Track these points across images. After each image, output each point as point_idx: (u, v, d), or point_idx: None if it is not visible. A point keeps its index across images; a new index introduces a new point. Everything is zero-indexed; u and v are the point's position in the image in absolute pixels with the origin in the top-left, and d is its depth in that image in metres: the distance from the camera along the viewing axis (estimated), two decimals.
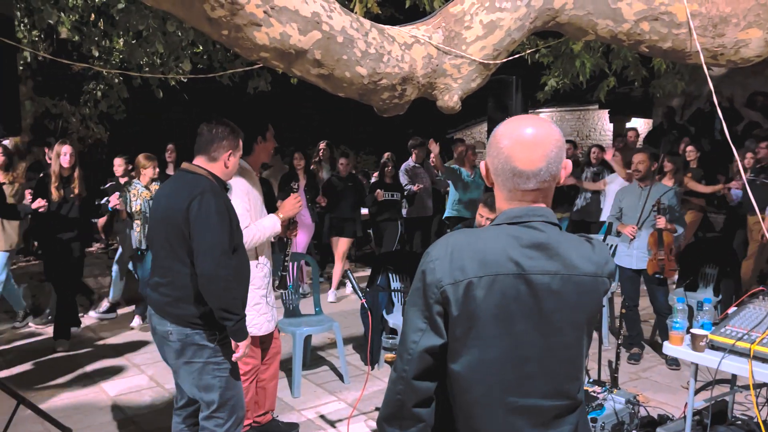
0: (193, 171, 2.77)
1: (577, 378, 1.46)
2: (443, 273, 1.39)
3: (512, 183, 1.44)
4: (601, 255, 1.47)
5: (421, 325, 1.41)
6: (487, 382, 1.40)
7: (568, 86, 7.05)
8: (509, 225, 1.44)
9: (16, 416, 3.45)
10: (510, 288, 1.37)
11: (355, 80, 2.77)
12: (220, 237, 2.61)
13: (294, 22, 2.51)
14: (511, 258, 1.38)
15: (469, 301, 1.37)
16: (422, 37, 2.94)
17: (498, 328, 1.38)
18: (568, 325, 1.41)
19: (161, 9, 2.51)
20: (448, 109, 3.10)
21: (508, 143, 1.43)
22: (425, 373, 1.42)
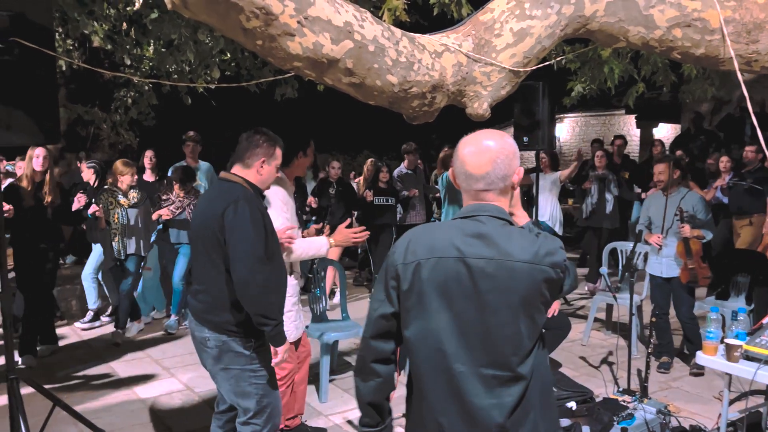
0: (229, 179, 2.82)
1: (516, 354, 1.64)
2: (399, 256, 1.73)
3: (466, 184, 1.75)
4: (544, 246, 1.67)
5: (381, 297, 1.75)
6: (431, 347, 1.67)
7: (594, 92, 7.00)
8: (461, 219, 1.74)
9: (51, 417, 3.53)
10: (451, 269, 1.65)
11: (386, 88, 2.79)
12: (254, 244, 2.64)
13: (327, 31, 2.55)
14: (454, 244, 1.67)
15: (416, 279, 1.68)
16: (452, 45, 2.95)
17: (440, 303, 1.66)
18: (503, 305, 1.63)
19: (197, 20, 2.56)
20: (478, 116, 3.10)
21: (464, 151, 1.76)
22: (380, 336, 1.75)
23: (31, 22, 2.89)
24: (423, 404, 1.70)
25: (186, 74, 7.39)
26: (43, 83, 2.99)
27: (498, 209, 1.72)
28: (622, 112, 15.06)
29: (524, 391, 1.64)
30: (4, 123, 2.84)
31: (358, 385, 1.80)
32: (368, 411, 1.81)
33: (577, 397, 3.82)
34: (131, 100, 8.38)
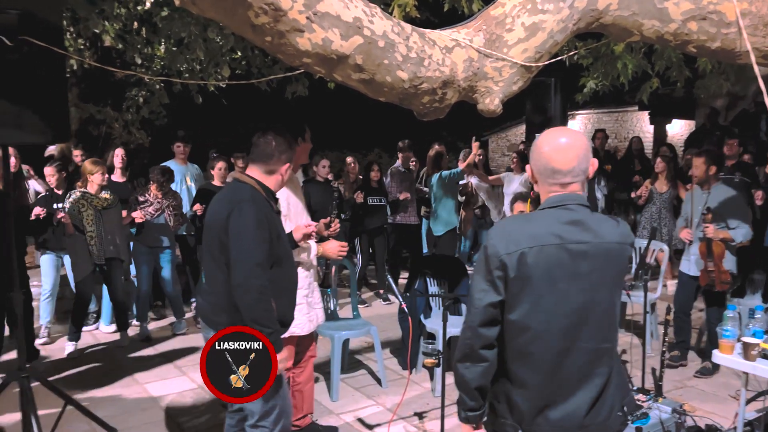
0: (241, 180, 2.78)
1: (612, 325, 1.89)
2: (501, 247, 1.85)
3: (553, 179, 1.90)
4: (625, 228, 1.92)
5: (485, 287, 1.87)
6: (538, 328, 1.83)
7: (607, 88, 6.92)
8: (551, 209, 1.88)
9: (63, 416, 3.54)
10: (553, 255, 1.81)
11: (396, 84, 2.76)
12: (255, 248, 2.60)
13: (336, 27, 2.52)
14: (554, 232, 1.82)
15: (522, 266, 1.81)
16: (463, 40, 2.92)
17: (545, 286, 1.81)
18: (602, 284, 1.84)
19: (205, 17, 2.54)
20: (489, 112, 3.07)
21: (548, 149, 1.90)
22: (487, 323, 1.87)
23: (41, 21, 2.88)
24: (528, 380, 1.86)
25: (197, 73, 7.39)
26: (53, 82, 2.99)
27: (583, 198, 1.91)
28: (635, 109, 14.91)
29: (614, 359, 1.90)
30: (14, 121, 2.84)
31: (464, 372, 1.89)
32: (475, 395, 1.91)
33: None
34: (143, 99, 8.40)
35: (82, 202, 5.19)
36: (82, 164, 5.59)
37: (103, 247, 5.26)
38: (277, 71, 6.88)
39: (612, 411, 1.86)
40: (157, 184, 5.80)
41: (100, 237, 5.25)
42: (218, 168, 6.18)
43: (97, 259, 5.24)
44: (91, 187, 5.27)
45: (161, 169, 5.90)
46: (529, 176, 1.99)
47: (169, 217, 5.84)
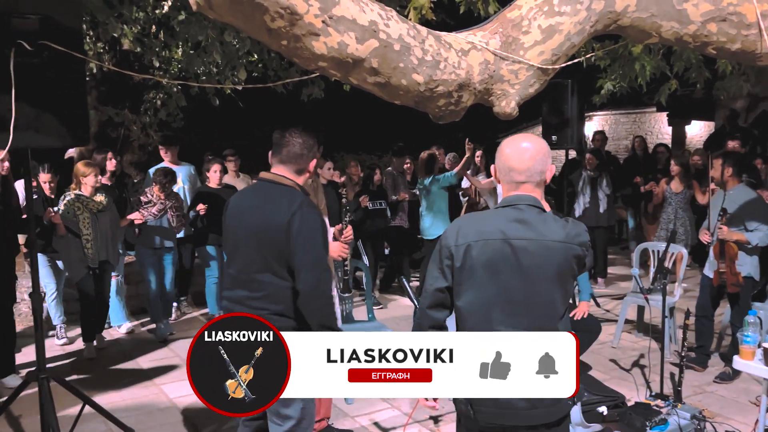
0: (281, 182, 2.68)
1: (551, 318, 2.00)
2: (451, 239, 2.08)
3: (509, 177, 2.09)
4: (573, 229, 2.03)
5: (436, 274, 2.11)
6: (480, 314, 2.01)
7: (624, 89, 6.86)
8: (502, 208, 2.08)
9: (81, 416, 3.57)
10: (497, 249, 2.00)
11: (412, 88, 2.76)
12: (321, 253, 2.57)
13: (352, 31, 2.52)
14: (500, 228, 2.01)
15: (467, 257, 2.03)
16: (479, 43, 2.91)
17: (488, 277, 2.00)
18: (542, 278, 1.98)
19: (222, 21, 2.56)
20: (505, 115, 3.05)
21: (508, 151, 2.10)
22: (435, 305, 2.12)
23: (60, 25, 2.92)
24: None
25: (213, 76, 7.44)
26: (73, 85, 3.02)
27: (534, 199, 2.06)
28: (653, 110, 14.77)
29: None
30: (33, 125, 2.88)
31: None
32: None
33: (608, 402, 3.74)
34: (160, 102, 8.46)
35: (77, 205, 5.11)
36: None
37: (98, 251, 5.20)
38: (294, 74, 6.91)
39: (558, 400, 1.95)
40: (159, 186, 5.73)
41: (96, 240, 5.18)
42: (214, 171, 6.14)
43: (91, 263, 5.18)
44: (85, 189, 5.20)
45: (163, 171, 5.87)
46: (492, 174, 2.21)
47: (171, 218, 5.80)
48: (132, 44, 6.81)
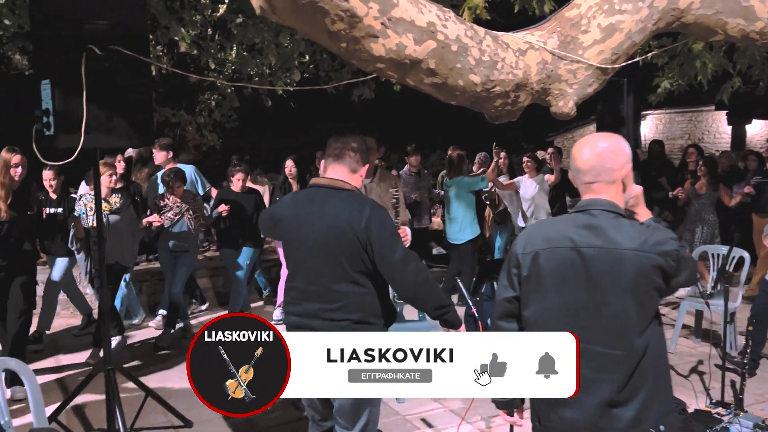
0: (340, 188, 2.66)
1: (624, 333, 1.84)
2: (519, 247, 2.02)
3: (578, 179, 2.00)
4: (653, 237, 1.84)
5: (504, 282, 2.05)
6: (548, 325, 1.91)
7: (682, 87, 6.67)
8: (574, 213, 1.99)
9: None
10: (565, 257, 1.90)
11: (469, 88, 2.76)
12: (405, 247, 2.60)
13: (410, 32, 2.54)
14: (567, 236, 1.91)
15: (534, 266, 1.95)
16: (537, 42, 2.89)
17: (554, 287, 1.91)
18: (612, 289, 1.84)
19: (284, 24, 2.62)
20: (563, 115, 3.02)
21: (574, 150, 2.01)
22: (504, 316, 2.06)
23: (128, 30, 3.04)
24: None
25: (266, 77, 7.58)
26: (139, 88, 3.14)
27: (609, 203, 1.93)
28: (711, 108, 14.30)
29: (634, 368, 1.82)
30: (103, 127, 3.00)
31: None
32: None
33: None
34: (215, 103, 8.68)
35: (90, 205, 5.01)
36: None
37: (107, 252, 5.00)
38: (345, 75, 6.99)
39: (639, 424, 1.83)
40: (166, 187, 5.63)
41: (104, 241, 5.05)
42: (237, 179, 6.04)
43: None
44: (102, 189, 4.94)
45: (170, 170, 5.70)
46: (570, 178, 2.09)
47: (189, 221, 5.67)
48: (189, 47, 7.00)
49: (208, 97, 8.75)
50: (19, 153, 4.36)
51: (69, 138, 2.94)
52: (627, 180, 1.96)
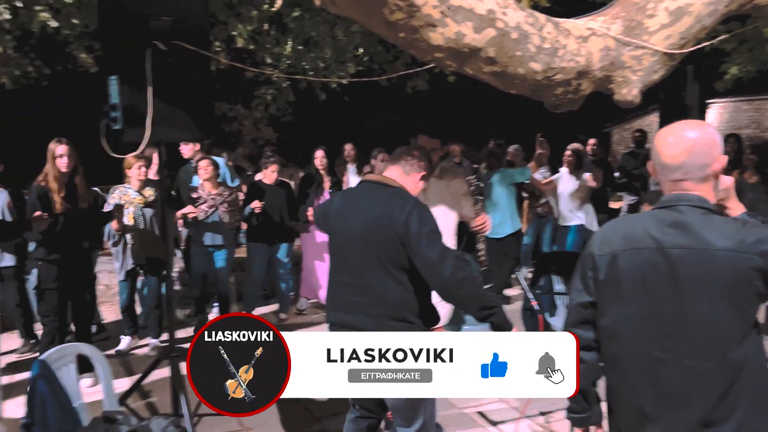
0: (388, 184, 2.65)
1: (719, 344, 1.62)
2: (595, 247, 1.81)
3: (663, 175, 1.77)
4: (752, 234, 1.61)
5: (579, 287, 1.84)
6: (629, 334, 1.73)
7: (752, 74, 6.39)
8: (658, 209, 1.75)
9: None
10: (648, 259, 1.69)
11: (529, 76, 2.71)
12: (446, 245, 2.54)
13: (469, 20, 2.52)
14: (651, 234, 1.70)
15: (612, 269, 1.75)
16: (600, 28, 2.82)
17: (637, 291, 1.71)
18: (704, 295, 1.63)
19: (342, 15, 2.63)
20: (626, 103, 2.94)
21: (658, 143, 1.77)
22: (579, 323, 1.84)
23: (191, 26, 3.10)
24: (622, 389, 1.77)
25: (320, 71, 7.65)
26: (201, 83, 3.21)
27: (699, 198, 1.71)
28: None
29: (729, 383, 1.63)
30: (167, 120, 3.08)
31: None
32: (575, 398, 1.86)
33: None
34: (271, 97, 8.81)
35: (124, 199, 4.89)
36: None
37: (142, 247, 4.95)
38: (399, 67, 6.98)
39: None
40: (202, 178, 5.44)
41: (140, 236, 4.93)
42: (271, 171, 5.85)
43: (137, 259, 4.97)
44: (132, 182, 4.97)
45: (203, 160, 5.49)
46: (651, 172, 1.85)
47: (223, 214, 5.43)
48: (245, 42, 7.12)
49: (264, 91, 8.88)
50: (65, 143, 4.21)
51: (134, 132, 3.03)
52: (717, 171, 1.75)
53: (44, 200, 4.13)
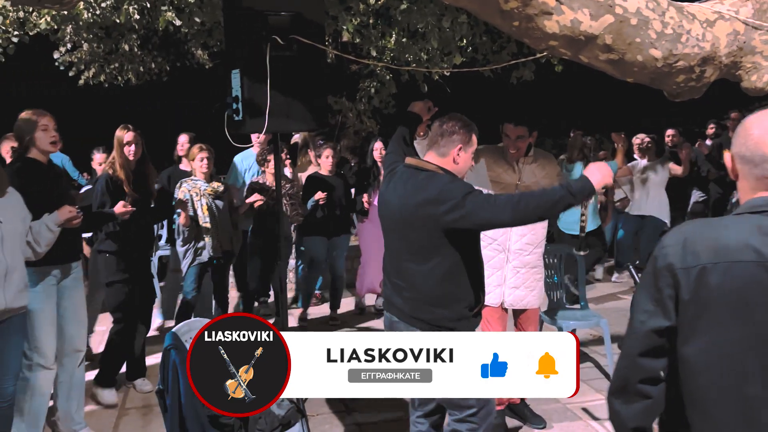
0: (423, 168, 2.66)
1: None
2: (675, 258, 1.45)
3: (761, 170, 1.45)
4: None
5: (649, 307, 1.49)
6: (722, 368, 1.42)
7: None
8: (752, 214, 1.44)
9: None
10: (749, 276, 1.39)
11: (648, 64, 2.62)
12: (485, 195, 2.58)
13: (586, 7, 2.47)
14: (751, 245, 1.39)
15: (701, 287, 1.42)
16: (727, 12, 2.67)
17: (735, 316, 1.40)
18: None
19: (456, 5, 2.65)
20: (756, 90, 2.78)
21: (759, 132, 1.45)
22: (650, 352, 1.50)
23: (307, 21, 3.23)
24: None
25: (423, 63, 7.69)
26: (316, 75, 3.33)
27: None
28: None
29: None
30: (284, 112, 3.23)
31: (619, 409, 1.55)
32: None
33: None
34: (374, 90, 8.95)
35: (195, 191, 4.67)
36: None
37: (219, 239, 4.74)
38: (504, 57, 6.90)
39: None
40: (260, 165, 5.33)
41: (216, 228, 4.71)
42: (326, 156, 5.65)
43: (214, 252, 4.70)
44: (199, 174, 4.74)
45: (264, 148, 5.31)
46: (727, 166, 1.57)
47: (286, 207, 5.27)
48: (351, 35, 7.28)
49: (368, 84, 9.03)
50: (132, 130, 4.06)
51: (254, 122, 3.20)
52: None
53: (113, 189, 3.99)
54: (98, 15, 6.39)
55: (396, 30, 7.17)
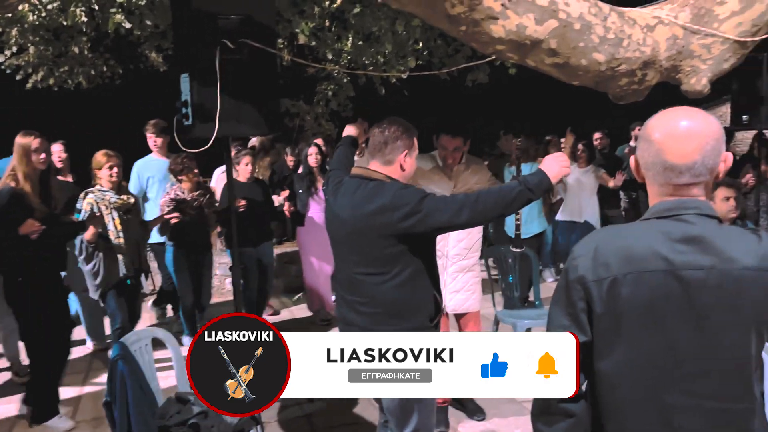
0: (372, 177, 2.55)
1: (746, 382, 1.38)
2: (586, 270, 1.42)
3: (663, 177, 1.42)
4: None
5: (565, 322, 1.47)
6: (637, 380, 1.40)
7: None
8: (658, 219, 1.42)
9: None
10: (659, 285, 1.36)
11: (592, 67, 2.68)
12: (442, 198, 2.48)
13: (530, 12, 2.51)
14: (659, 253, 1.37)
15: (613, 299, 1.39)
16: (667, 17, 2.76)
17: (647, 327, 1.38)
18: (730, 325, 1.35)
19: (404, 10, 2.67)
20: (695, 93, 2.87)
21: (660, 136, 1.42)
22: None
23: (257, 24, 3.20)
24: None
25: (380, 66, 7.72)
26: (267, 79, 3.31)
27: (707, 205, 1.42)
28: None
29: (756, 424, 1.39)
30: (234, 116, 3.19)
31: (543, 430, 1.52)
32: None
33: None
34: (331, 93, 8.94)
35: (104, 203, 4.16)
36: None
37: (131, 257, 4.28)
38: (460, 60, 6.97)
39: None
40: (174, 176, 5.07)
41: (128, 244, 4.26)
42: (245, 164, 5.35)
43: (127, 270, 4.25)
44: (105, 183, 4.21)
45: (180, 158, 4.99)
46: (633, 170, 1.53)
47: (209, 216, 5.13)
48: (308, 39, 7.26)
49: (325, 87, 9.02)
50: (38, 136, 3.70)
51: (204, 127, 3.15)
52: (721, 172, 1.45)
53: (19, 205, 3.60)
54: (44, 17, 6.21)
55: (352, 33, 7.18)
